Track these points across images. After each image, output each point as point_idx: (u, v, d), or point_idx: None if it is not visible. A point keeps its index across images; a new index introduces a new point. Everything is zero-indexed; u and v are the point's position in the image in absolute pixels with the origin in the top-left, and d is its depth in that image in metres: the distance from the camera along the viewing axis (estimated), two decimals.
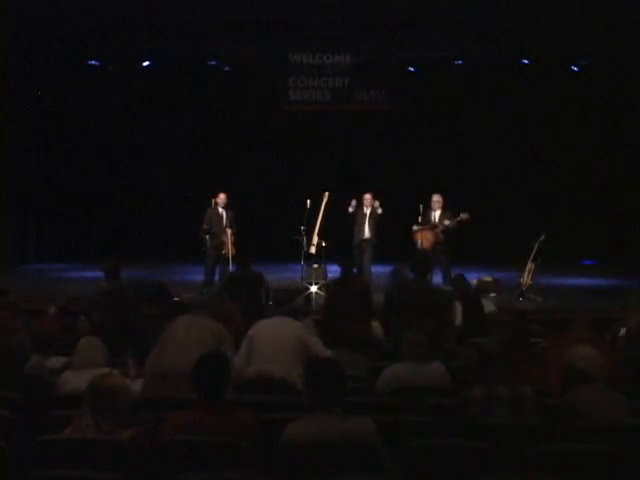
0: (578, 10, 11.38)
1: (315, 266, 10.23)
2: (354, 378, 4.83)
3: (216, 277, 10.30)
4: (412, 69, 13.85)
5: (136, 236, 13.86)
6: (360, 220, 10.62)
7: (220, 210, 10.76)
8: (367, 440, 3.47)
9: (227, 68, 13.93)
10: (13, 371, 4.63)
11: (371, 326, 6.65)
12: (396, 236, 10.88)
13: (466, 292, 7.29)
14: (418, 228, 10.44)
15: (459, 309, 6.76)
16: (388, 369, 4.91)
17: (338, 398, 3.59)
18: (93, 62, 13.73)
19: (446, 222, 10.34)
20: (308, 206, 10.42)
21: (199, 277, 10.57)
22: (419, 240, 10.38)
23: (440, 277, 10.15)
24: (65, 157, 14.36)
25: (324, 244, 10.41)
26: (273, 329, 5.17)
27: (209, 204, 10.85)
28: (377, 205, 10.50)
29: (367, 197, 10.69)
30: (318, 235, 10.47)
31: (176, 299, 7.24)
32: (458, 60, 13.50)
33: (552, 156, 13.88)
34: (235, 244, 10.41)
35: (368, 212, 10.60)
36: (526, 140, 13.94)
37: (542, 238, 10.13)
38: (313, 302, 9.41)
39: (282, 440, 3.50)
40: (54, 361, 5.14)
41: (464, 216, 10.27)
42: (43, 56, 13.10)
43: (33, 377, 4.70)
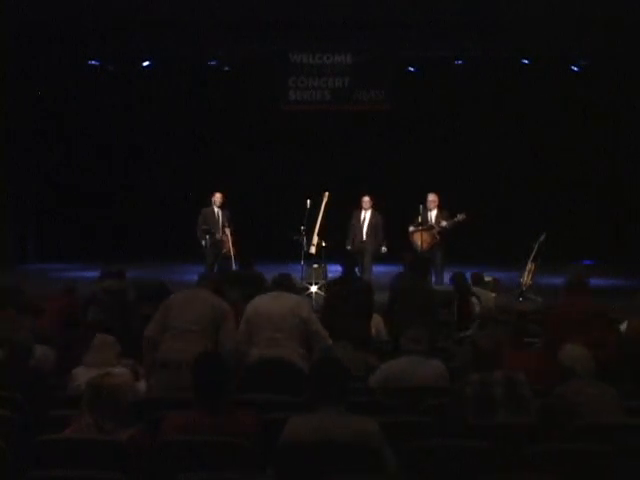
0: (578, 10, 11.39)
1: (315, 266, 10.23)
2: (353, 378, 4.83)
3: None
4: (412, 69, 13.84)
5: (136, 236, 13.85)
6: (357, 222, 10.65)
7: (216, 210, 10.76)
8: (369, 439, 3.48)
9: (227, 68, 13.92)
10: (16, 368, 4.66)
11: (370, 326, 6.65)
12: (396, 236, 10.88)
13: (461, 290, 7.33)
14: (415, 229, 10.46)
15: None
16: (384, 365, 4.95)
17: (341, 396, 3.62)
18: (93, 62, 13.72)
19: (443, 223, 10.34)
20: (308, 206, 10.42)
21: None
22: (418, 241, 10.39)
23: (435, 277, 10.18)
24: (65, 157, 14.36)
25: (324, 244, 10.42)
26: (271, 308, 5.14)
27: (207, 204, 10.86)
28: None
29: (366, 199, 10.72)
30: (318, 235, 10.48)
31: None
32: (458, 60, 13.49)
33: (552, 156, 13.87)
34: (235, 243, 10.42)
35: (368, 214, 10.64)
36: (526, 140, 13.94)
37: (542, 238, 10.13)
38: (313, 302, 9.41)
39: (284, 433, 3.51)
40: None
41: (461, 217, 10.30)
42: (43, 56, 13.09)
43: (36, 374, 4.73)
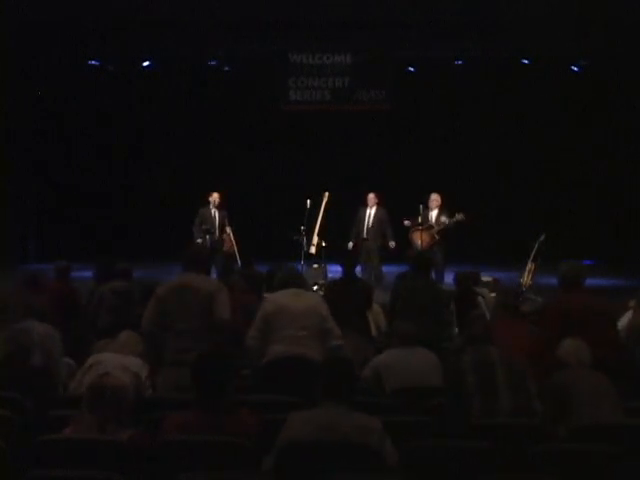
0: (578, 10, 11.39)
1: (315, 266, 10.24)
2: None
3: (214, 276, 10.30)
4: (412, 69, 13.84)
5: (136, 236, 13.85)
6: (362, 219, 10.69)
7: (213, 210, 10.76)
8: (371, 434, 3.52)
9: (227, 68, 13.91)
10: (16, 368, 4.68)
11: (370, 324, 6.67)
12: (397, 236, 10.89)
13: (465, 290, 7.32)
14: (415, 228, 10.50)
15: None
16: (375, 358, 5.06)
17: (347, 395, 3.66)
18: (93, 62, 13.72)
19: (442, 219, 10.39)
20: (308, 206, 10.43)
21: None
22: (418, 240, 10.41)
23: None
24: (65, 157, 14.36)
25: (324, 244, 10.43)
26: (293, 306, 5.09)
27: (204, 204, 10.86)
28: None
29: (371, 196, 10.80)
30: (318, 235, 10.49)
31: None
32: (458, 60, 13.49)
33: (552, 156, 13.88)
34: (236, 242, 10.44)
35: (373, 212, 10.69)
36: (526, 140, 13.94)
37: (542, 238, 10.13)
38: None
39: (285, 427, 3.55)
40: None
41: (459, 217, 10.33)
42: (43, 56, 13.09)
43: (36, 374, 4.75)
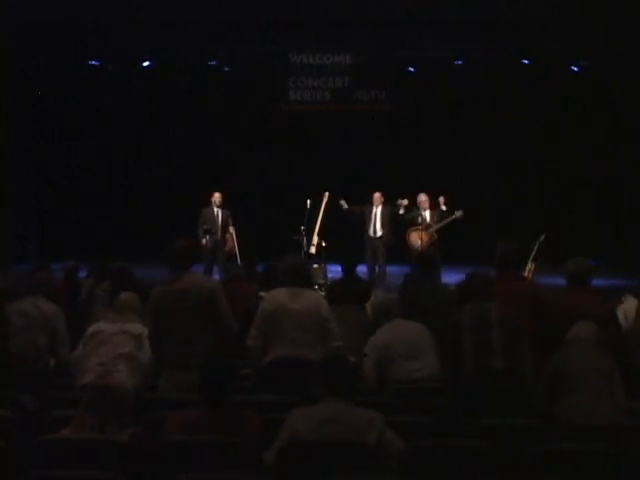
0: (578, 10, 11.39)
1: (315, 266, 10.24)
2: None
3: (216, 276, 10.31)
4: (412, 69, 13.84)
5: (136, 236, 13.85)
6: (368, 218, 10.75)
7: (215, 210, 10.76)
8: (372, 423, 3.57)
9: (227, 68, 13.91)
10: (17, 368, 4.71)
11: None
12: (396, 236, 10.91)
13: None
14: (413, 229, 10.56)
15: None
16: (372, 337, 5.26)
17: (348, 393, 3.70)
18: (93, 62, 13.72)
19: (443, 208, 10.51)
20: (308, 206, 10.44)
21: None
22: (418, 240, 10.44)
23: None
24: (65, 157, 14.36)
25: (324, 244, 10.44)
26: (292, 306, 4.99)
27: (206, 204, 10.86)
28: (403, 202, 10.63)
29: (376, 196, 10.90)
30: (318, 235, 10.50)
31: None
32: (458, 60, 13.49)
33: (552, 156, 13.88)
34: (238, 243, 10.46)
35: (379, 210, 10.73)
36: (526, 140, 13.94)
37: (542, 238, 10.14)
38: None
39: (286, 421, 3.58)
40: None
41: (458, 214, 10.41)
42: (43, 56, 13.09)
43: (36, 374, 4.77)
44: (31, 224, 14.14)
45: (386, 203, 10.94)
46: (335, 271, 9.28)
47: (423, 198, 10.75)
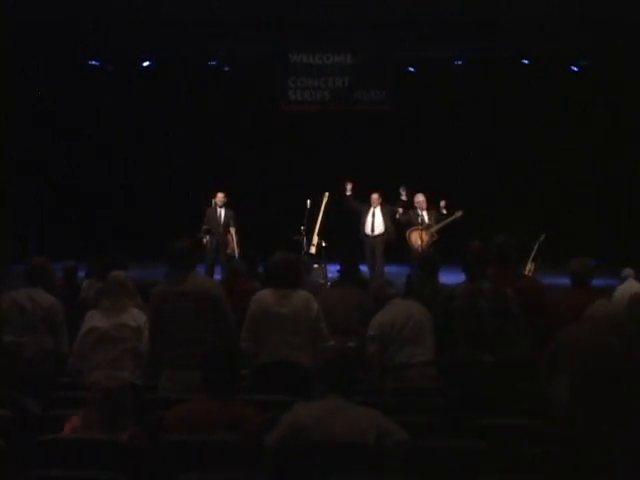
0: (578, 10, 11.39)
1: (315, 266, 10.25)
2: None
3: (217, 277, 10.31)
4: (412, 69, 13.84)
5: (136, 236, 13.84)
6: (364, 218, 10.81)
7: (218, 210, 10.75)
8: (374, 418, 3.59)
9: (227, 68, 13.91)
10: (16, 368, 4.70)
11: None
12: (397, 236, 10.91)
13: None
14: (413, 229, 10.58)
15: None
16: (372, 320, 5.35)
17: (347, 391, 3.71)
18: (93, 62, 13.72)
19: (443, 212, 10.57)
20: (308, 206, 10.44)
21: None
22: (418, 240, 10.45)
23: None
24: (65, 157, 14.35)
25: (324, 244, 10.45)
26: (278, 308, 4.91)
27: (209, 204, 10.85)
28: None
29: (374, 197, 10.94)
30: (318, 235, 10.51)
31: None
32: (458, 60, 13.50)
33: (552, 156, 13.87)
34: (239, 243, 10.46)
35: (377, 211, 10.76)
36: (526, 140, 13.93)
37: (542, 238, 10.15)
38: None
39: (287, 415, 3.59)
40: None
41: (458, 214, 10.46)
42: (43, 56, 13.09)
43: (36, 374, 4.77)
44: (31, 224, 14.12)
45: (384, 203, 10.94)
46: (335, 271, 9.26)
47: (421, 198, 10.78)
